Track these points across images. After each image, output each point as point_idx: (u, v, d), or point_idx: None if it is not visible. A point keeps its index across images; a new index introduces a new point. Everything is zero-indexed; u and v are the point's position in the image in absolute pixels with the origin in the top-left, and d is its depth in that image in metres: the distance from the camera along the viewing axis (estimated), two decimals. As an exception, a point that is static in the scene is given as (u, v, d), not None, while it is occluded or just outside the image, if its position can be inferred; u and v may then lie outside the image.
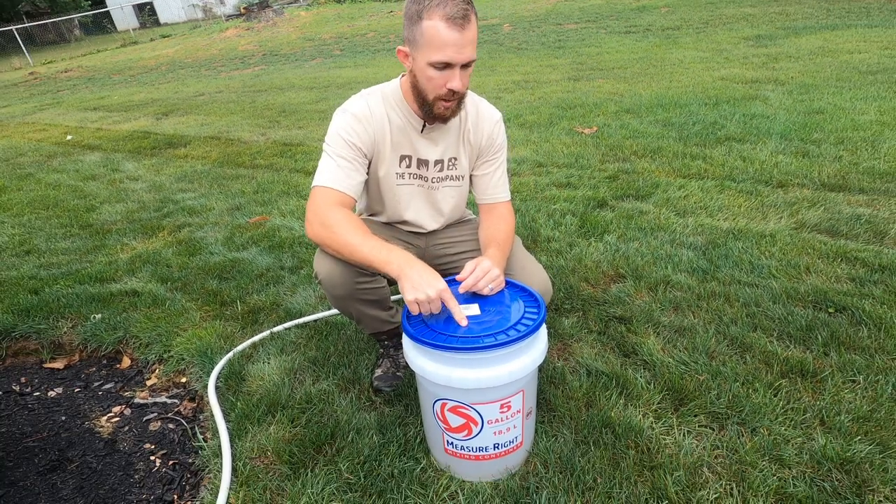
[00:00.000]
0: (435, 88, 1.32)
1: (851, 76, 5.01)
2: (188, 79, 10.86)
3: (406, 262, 1.23)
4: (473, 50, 1.29)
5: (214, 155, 4.79)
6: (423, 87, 1.34)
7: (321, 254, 1.44)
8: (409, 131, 1.47)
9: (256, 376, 1.78)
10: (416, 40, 1.28)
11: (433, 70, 1.29)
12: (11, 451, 1.63)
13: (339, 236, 1.30)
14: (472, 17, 1.26)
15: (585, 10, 12.60)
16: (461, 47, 1.25)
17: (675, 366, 1.66)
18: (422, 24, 1.25)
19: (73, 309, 2.27)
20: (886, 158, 3.10)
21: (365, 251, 1.27)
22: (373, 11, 17.93)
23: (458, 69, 1.29)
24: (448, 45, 1.24)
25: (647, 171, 3.33)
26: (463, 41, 1.25)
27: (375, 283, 1.49)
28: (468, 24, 1.24)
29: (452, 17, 1.22)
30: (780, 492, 1.25)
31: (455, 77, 1.29)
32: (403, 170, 1.52)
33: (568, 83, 6.11)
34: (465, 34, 1.24)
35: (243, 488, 1.36)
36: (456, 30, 1.23)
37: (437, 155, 1.52)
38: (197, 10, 30.22)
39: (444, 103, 1.34)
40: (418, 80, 1.34)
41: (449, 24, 1.22)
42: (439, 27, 1.23)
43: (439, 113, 1.37)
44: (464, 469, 1.34)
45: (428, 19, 1.24)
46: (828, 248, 2.24)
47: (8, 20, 29.51)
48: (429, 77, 1.30)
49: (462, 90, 1.32)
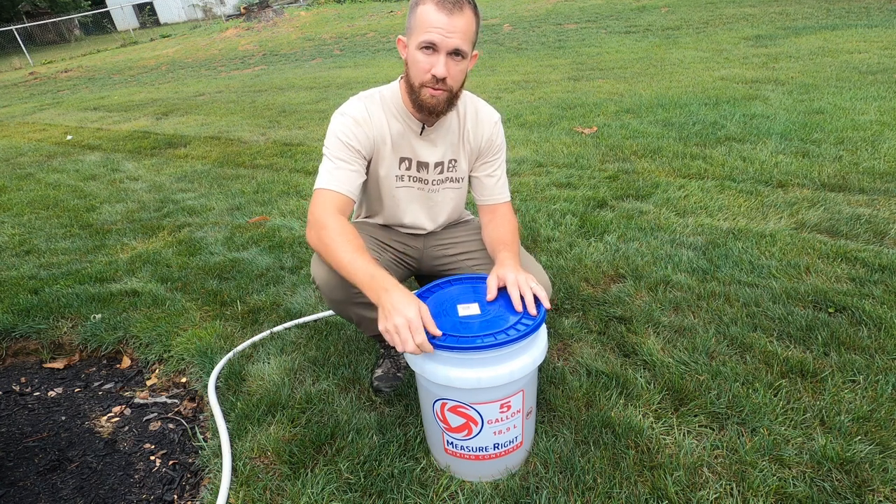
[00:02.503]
0: (420, 73, 1.32)
1: (851, 76, 5.01)
2: (188, 79, 10.86)
3: (383, 287, 1.18)
4: (465, 41, 1.29)
5: (214, 155, 4.79)
6: (412, 76, 1.35)
7: (318, 258, 1.44)
8: (408, 134, 1.47)
9: (256, 376, 1.78)
10: (411, 26, 1.33)
11: (420, 54, 1.30)
12: (11, 451, 1.63)
13: (332, 251, 1.29)
14: (465, 8, 1.28)
15: (585, 10, 12.59)
16: (448, 32, 1.27)
17: (675, 366, 1.66)
18: (417, 9, 1.30)
19: (73, 309, 2.27)
20: (886, 158, 3.10)
21: (351, 270, 1.25)
22: (373, 11, 17.93)
23: (444, 56, 1.29)
24: (434, 26, 1.27)
25: (647, 171, 3.33)
26: (450, 26, 1.27)
27: None
28: (458, 11, 1.27)
29: (442, 1, 1.26)
30: (780, 492, 1.25)
31: (440, 63, 1.29)
32: (403, 172, 1.52)
33: (568, 83, 6.11)
34: (453, 19, 1.26)
35: (243, 488, 1.36)
36: (444, 13, 1.26)
37: (437, 157, 1.52)
38: (197, 10, 30.24)
39: (430, 90, 1.33)
40: (409, 70, 1.36)
41: (438, 7, 1.26)
42: (429, 10, 1.27)
43: (425, 101, 1.35)
44: (464, 469, 1.34)
45: (422, 4, 1.29)
46: (828, 248, 2.24)
47: (8, 20, 29.52)
48: (415, 61, 1.32)
49: (445, 76, 1.31)
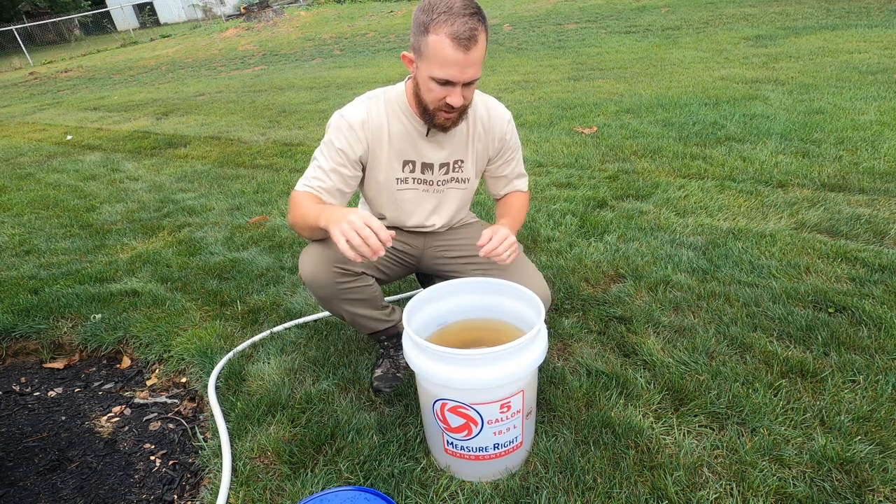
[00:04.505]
0: (434, 100, 1.32)
1: (851, 76, 5.00)
2: (188, 79, 10.85)
3: (332, 211, 1.25)
4: (478, 69, 1.27)
5: (214, 155, 4.79)
6: (424, 97, 1.34)
7: (304, 255, 1.46)
8: (413, 136, 1.47)
9: (256, 376, 1.78)
10: (421, 51, 1.26)
11: (433, 83, 1.28)
12: (11, 451, 1.63)
13: (298, 208, 1.37)
14: (479, 38, 1.21)
15: (585, 10, 12.59)
16: (464, 67, 1.23)
17: (675, 366, 1.66)
18: (428, 37, 1.22)
19: (73, 309, 2.27)
20: (886, 158, 3.10)
21: (312, 215, 1.31)
22: (373, 11, 17.93)
23: (460, 86, 1.28)
24: (451, 64, 1.22)
25: (647, 171, 3.33)
26: (467, 61, 1.22)
27: (359, 282, 1.49)
28: (474, 45, 1.21)
29: (458, 36, 1.18)
30: (780, 492, 1.25)
31: (456, 93, 1.28)
32: (406, 174, 1.52)
33: (568, 83, 6.11)
34: (469, 55, 1.21)
35: (243, 488, 1.36)
36: (461, 50, 1.20)
37: (442, 158, 1.52)
38: (197, 10, 30.24)
39: (445, 114, 1.35)
40: (420, 89, 1.34)
41: (455, 44, 1.19)
42: (445, 45, 1.20)
43: (439, 123, 1.38)
44: (464, 469, 1.34)
45: (434, 34, 1.20)
46: (828, 248, 2.24)
47: (8, 20, 29.53)
48: (429, 89, 1.30)
49: (462, 105, 1.32)
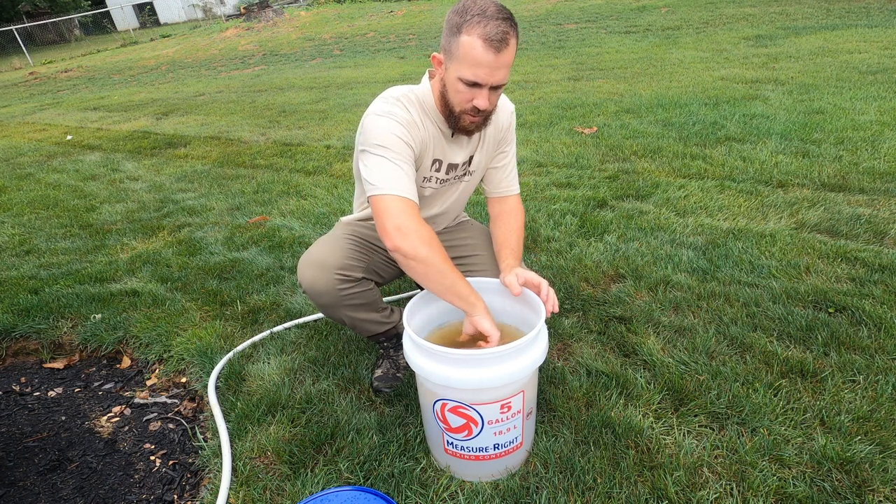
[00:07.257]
0: (461, 102, 1.31)
1: (851, 76, 5.00)
2: (188, 79, 10.85)
3: (477, 301, 1.30)
4: (507, 73, 1.27)
5: (214, 155, 4.79)
6: (451, 99, 1.34)
7: (303, 263, 1.45)
8: (440, 138, 1.47)
9: (256, 376, 1.78)
10: (452, 52, 1.26)
11: (462, 84, 1.27)
12: (11, 451, 1.63)
13: (439, 252, 1.29)
14: (510, 41, 1.22)
15: (585, 10, 12.59)
16: (494, 69, 1.23)
17: (675, 366, 1.66)
18: (460, 37, 1.22)
19: (73, 309, 2.27)
20: (886, 158, 3.10)
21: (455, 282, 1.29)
22: (373, 11, 17.92)
23: (487, 89, 1.27)
24: (481, 65, 1.22)
25: (647, 171, 3.33)
26: (497, 63, 1.22)
27: (360, 287, 1.49)
28: (505, 48, 1.21)
29: (490, 38, 1.19)
30: (780, 492, 1.25)
31: (482, 96, 1.28)
32: (432, 174, 1.51)
33: (568, 83, 6.11)
34: (500, 57, 1.22)
35: (243, 488, 1.37)
36: (492, 52, 1.20)
37: (463, 157, 1.53)
38: (197, 10, 30.23)
39: (470, 118, 1.34)
40: (447, 91, 1.34)
41: (486, 45, 1.20)
42: (476, 45, 1.20)
43: (464, 126, 1.37)
44: (464, 469, 1.34)
45: (466, 34, 1.21)
46: (828, 248, 2.24)
47: (8, 20, 29.52)
48: (457, 90, 1.29)
49: (488, 109, 1.31)
